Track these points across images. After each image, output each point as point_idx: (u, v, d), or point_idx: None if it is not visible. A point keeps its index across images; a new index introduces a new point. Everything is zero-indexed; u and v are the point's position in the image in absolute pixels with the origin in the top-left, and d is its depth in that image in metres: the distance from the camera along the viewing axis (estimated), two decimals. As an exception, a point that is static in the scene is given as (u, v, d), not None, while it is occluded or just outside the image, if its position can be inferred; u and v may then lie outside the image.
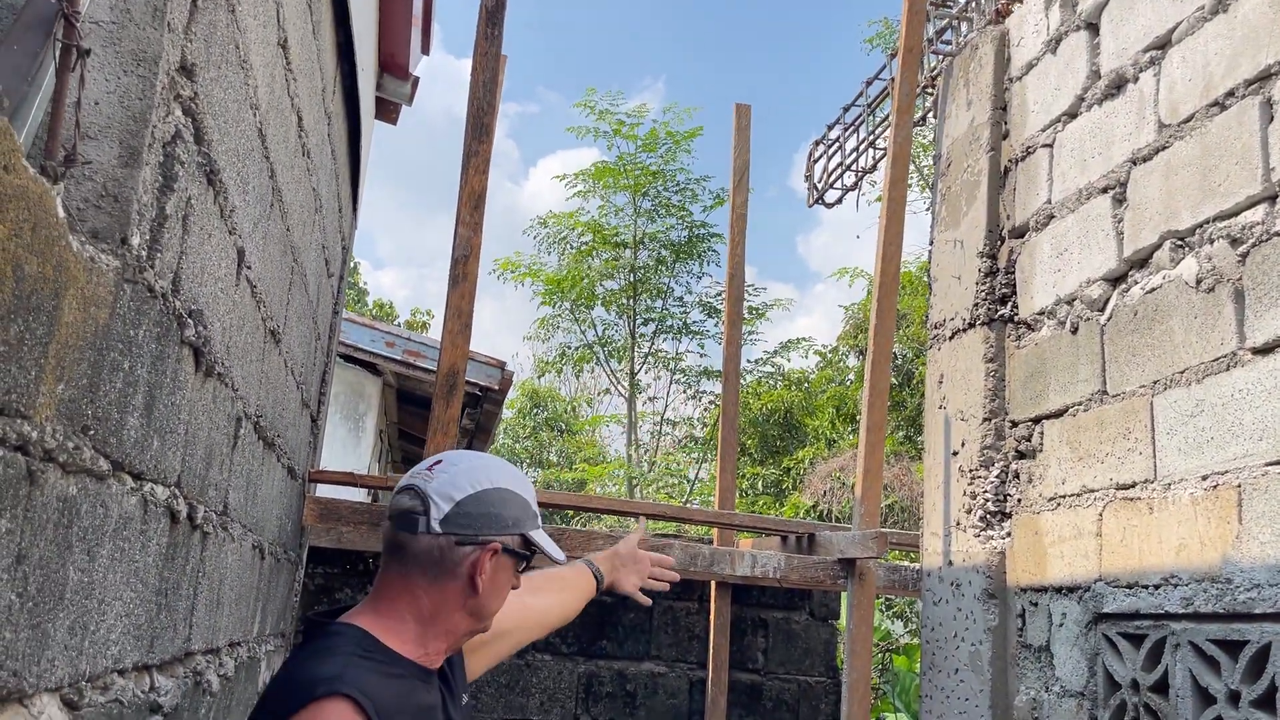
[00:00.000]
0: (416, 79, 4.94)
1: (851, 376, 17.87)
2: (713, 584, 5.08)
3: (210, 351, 1.77)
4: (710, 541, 5.37)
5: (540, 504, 1.61)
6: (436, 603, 1.48)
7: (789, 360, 19.55)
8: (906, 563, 5.18)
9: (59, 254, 0.99)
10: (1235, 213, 2.13)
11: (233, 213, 1.82)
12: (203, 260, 1.63)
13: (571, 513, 15.79)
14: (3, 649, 0.96)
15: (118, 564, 1.35)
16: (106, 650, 1.35)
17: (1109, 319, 2.50)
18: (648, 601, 2.32)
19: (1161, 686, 2.15)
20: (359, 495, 7.63)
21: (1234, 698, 1.95)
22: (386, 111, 5.23)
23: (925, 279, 3.50)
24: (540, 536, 1.50)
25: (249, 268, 2.06)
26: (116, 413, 1.25)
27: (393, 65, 4.72)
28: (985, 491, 2.92)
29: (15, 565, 0.97)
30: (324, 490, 5.97)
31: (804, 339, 19.23)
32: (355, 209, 4.78)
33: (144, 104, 1.22)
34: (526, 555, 1.50)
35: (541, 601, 2.03)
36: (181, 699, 1.90)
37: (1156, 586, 2.20)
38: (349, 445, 8.25)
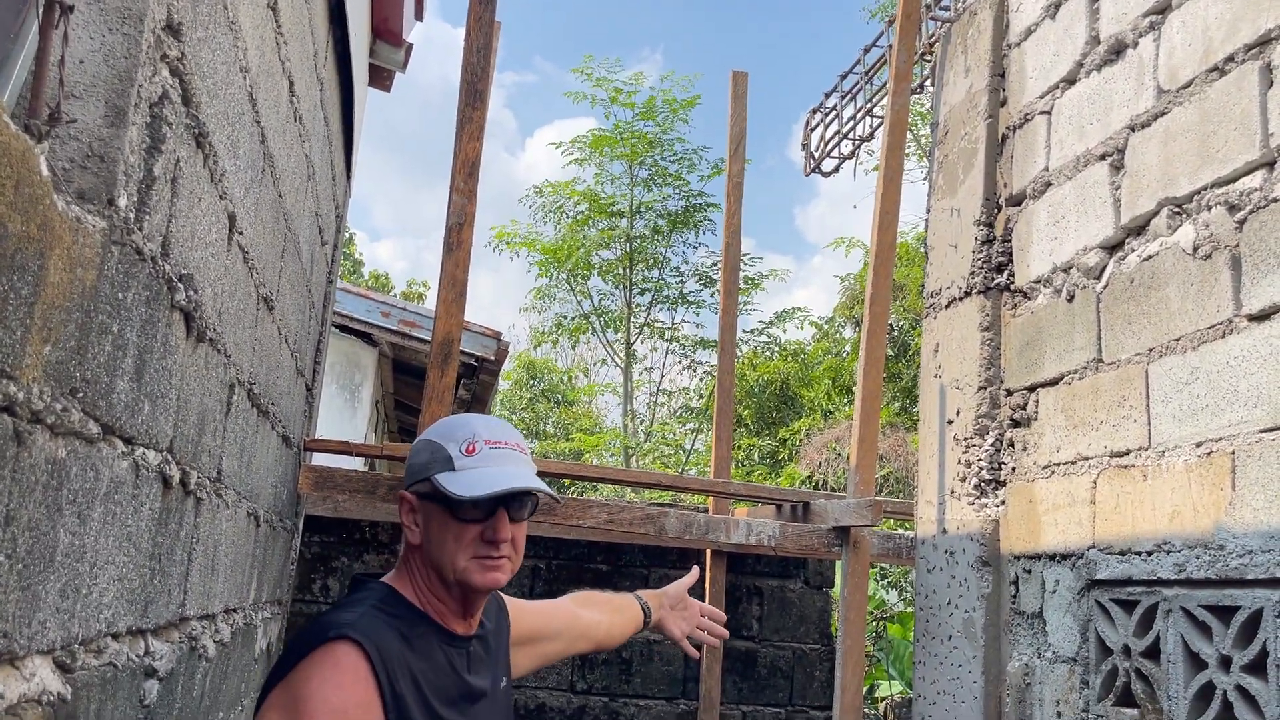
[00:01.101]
0: (410, 45, 4.90)
1: (848, 348, 17.88)
2: (708, 552, 5.10)
3: (202, 317, 1.76)
4: (706, 511, 5.39)
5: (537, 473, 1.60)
6: (415, 559, 1.59)
7: (785, 331, 19.54)
8: (901, 531, 5.20)
9: (43, 213, 0.98)
10: (1233, 179, 2.12)
11: (223, 177, 1.80)
12: (193, 224, 1.62)
13: (568, 482, 15.84)
14: (-8, 610, 0.96)
15: (109, 528, 1.35)
16: (99, 614, 1.35)
17: (1105, 287, 2.49)
18: (695, 653, 2.38)
19: (1153, 652, 2.16)
20: (357, 465, 7.64)
21: (1225, 663, 1.96)
22: (380, 78, 5.19)
23: (922, 249, 3.49)
24: (445, 477, 1.50)
25: (241, 233, 2.05)
26: (106, 376, 1.24)
27: (386, 31, 4.68)
28: (980, 460, 2.92)
29: (3, 527, 0.96)
30: (320, 459, 5.98)
31: (799, 309, 19.20)
32: (349, 177, 4.75)
33: (129, 63, 1.20)
34: (442, 498, 1.51)
35: (591, 615, 2.09)
36: (177, 664, 1.90)
37: (1149, 553, 2.21)
38: (345, 415, 8.25)
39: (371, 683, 1.38)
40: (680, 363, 20.10)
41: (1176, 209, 2.28)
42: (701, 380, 19.68)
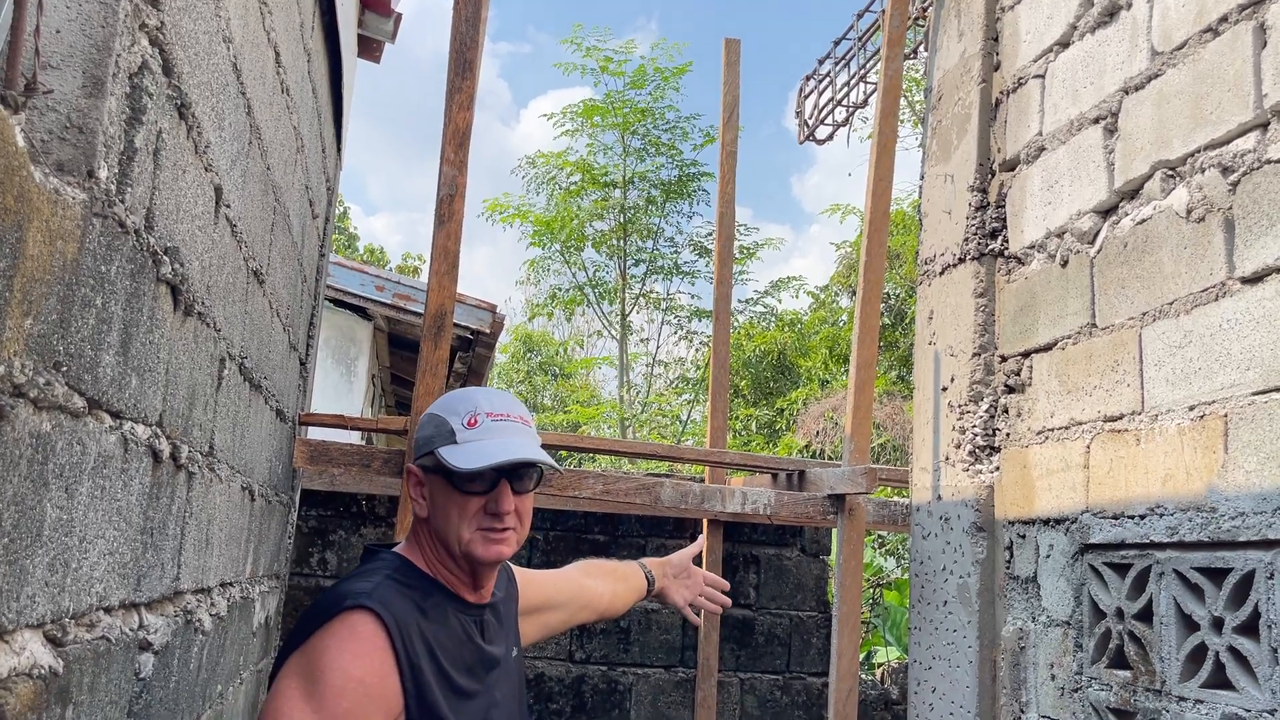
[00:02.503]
0: (399, 15, 4.85)
1: (845, 317, 17.87)
2: (705, 521, 5.12)
3: (189, 290, 1.74)
4: (702, 480, 5.40)
5: None
6: (423, 531, 1.60)
7: (780, 301, 19.52)
8: (897, 498, 5.22)
9: (20, 184, 0.97)
10: (1227, 141, 2.11)
11: (208, 149, 1.78)
12: (177, 196, 1.60)
13: (565, 453, 15.87)
14: (-22, 585, 0.96)
15: (98, 502, 1.34)
16: (90, 588, 1.35)
17: (1099, 251, 2.48)
18: (697, 620, 2.40)
19: (1146, 614, 2.17)
20: (353, 439, 7.64)
21: (1217, 624, 1.97)
22: (369, 49, 5.14)
23: (918, 216, 3.47)
24: (448, 450, 1.51)
25: (228, 206, 2.03)
26: (90, 350, 1.23)
27: (374, 1, 4.63)
28: (974, 426, 2.92)
29: (-12, 501, 0.96)
30: (316, 434, 5.98)
31: (795, 278, 19.18)
32: (340, 150, 4.71)
33: (106, 32, 1.18)
34: (445, 471, 1.53)
35: (595, 585, 2.11)
36: (172, 637, 1.91)
37: (1142, 517, 2.21)
38: (341, 390, 8.24)
39: (389, 652, 1.40)
40: (676, 334, 20.09)
41: (1170, 172, 2.27)
42: (698, 351, 19.68)
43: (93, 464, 1.30)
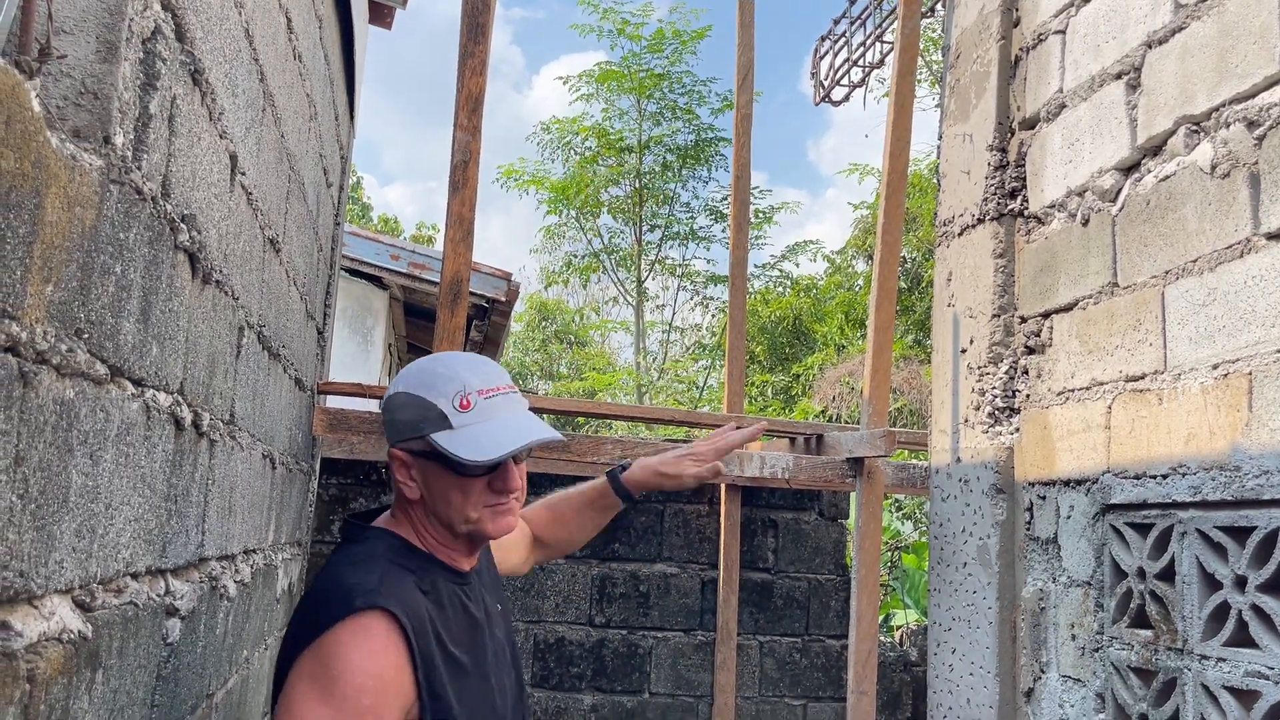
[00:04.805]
0: (410, -20, 4.81)
1: (861, 282, 17.77)
2: (722, 486, 5.13)
3: (207, 258, 1.74)
4: (719, 445, 5.40)
5: (550, 411, 1.59)
6: (416, 511, 1.57)
7: (798, 266, 19.43)
8: (915, 461, 5.21)
9: (37, 150, 0.96)
10: (1252, 94, 2.07)
11: (222, 115, 1.78)
12: (193, 164, 1.60)
13: (582, 420, 15.92)
14: (7, 550, 0.97)
15: (123, 469, 1.35)
16: (117, 554, 1.36)
17: (1121, 209, 2.45)
18: (716, 476, 2.10)
19: (1168, 574, 2.17)
20: (371, 407, 7.68)
21: (1240, 582, 1.96)
22: (380, 16, 5.11)
23: (934, 179, 3.43)
24: (444, 438, 1.45)
25: (243, 173, 2.03)
26: (111, 317, 1.24)
27: (385, -34, 4.59)
28: (994, 388, 2.91)
29: (14, 467, 0.97)
30: (335, 402, 6.00)
31: (811, 242, 19.06)
32: (353, 118, 4.70)
33: (119, -4, 1.17)
34: (443, 458, 1.47)
35: (536, 515, 2.07)
36: (198, 603, 1.93)
37: (1165, 476, 2.20)
38: (358, 359, 8.28)
39: (404, 649, 1.39)
40: (692, 299, 20.05)
41: (1194, 127, 2.24)
42: (714, 317, 19.64)
43: (116, 431, 1.31)
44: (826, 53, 6.70)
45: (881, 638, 6.21)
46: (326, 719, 1.31)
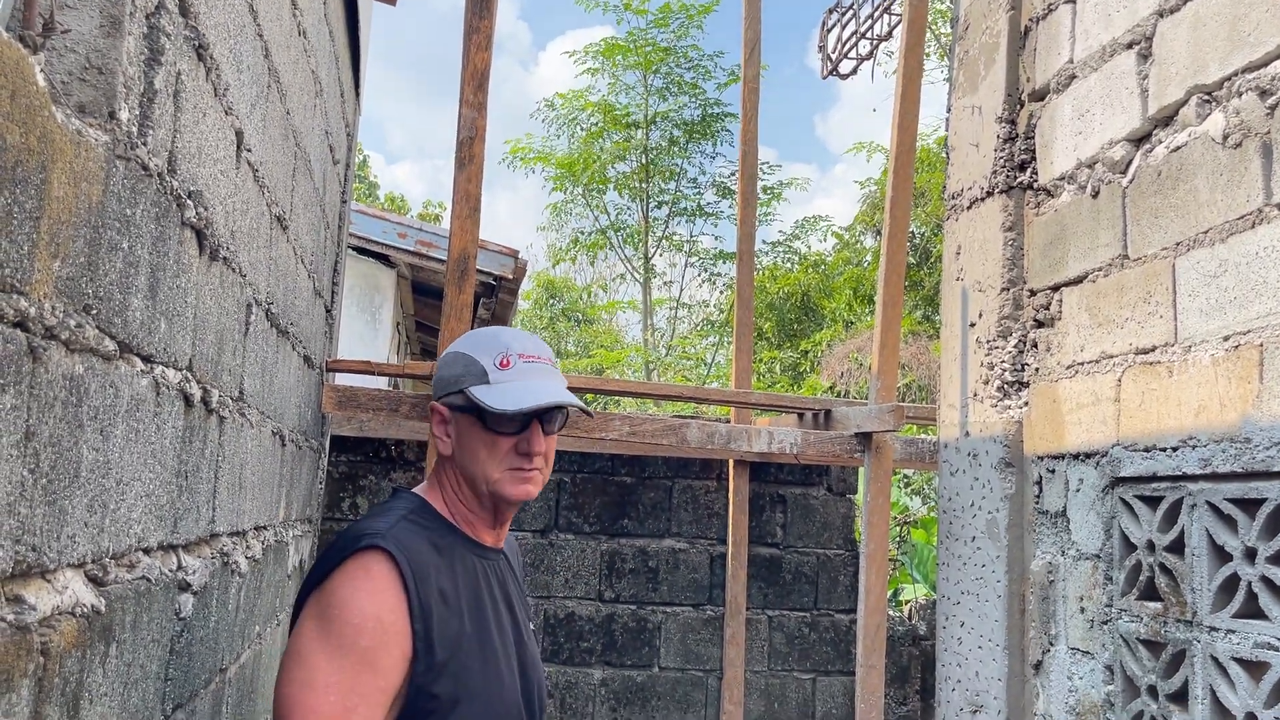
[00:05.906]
0: (414, -45, 4.77)
1: (869, 258, 17.71)
2: (731, 462, 5.14)
3: (214, 235, 1.74)
4: (728, 421, 5.41)
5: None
6: (447, 470, 1.62)
7: (809, 245, 19.36)
8: (924, 435, 5.21)
9: (43, 125, 0.96)
10: (1265, 63, 2.05)
11: (227, 91, 1.77)
12: (199, 139, 1.60)
13: (590, 396, 15.93)
14: (19, 524, 0.97)
15: (133, 444, 1.36)
16: (129, 529, 1.37)
17: (1131, 181, 2.44)
18: None
19: (1177, 546, 2.16)
20: (380, 384, 7.70)
21: (1250, 554, 1.96)
22: (385, -9, 5.08)
23: (943, 153, 3.42)
24: (481, 390, 1.53)
25: (249, 150, 2.02)
26: (119, 293, 1.24)
27: (389, -59, 4.56)
28: (1003, 362, 2.90)
29: (24, 442, 0.97)
30: (343, 379, 6.02)
31: (820, 218, 18.99)
32: (358, 95, 4.68)
33: (122, -30, 1.17)
34: (476, 410, 1.54)
35: None
36: (210, 579, 1.94)
37: (1174, 449, 2.19)
38: (366, 337, 8.29)
39: (401, 592, 1.41)
40: (699, 276, 20.01)
41: (1206, 97, 2.21)
42: (721, 293, 19.60)
43: (126, 407, 1.31)
44: (834, 25, 6.65)
45: (890, 612, 6.22)
46: (325, 658, 1.35)
